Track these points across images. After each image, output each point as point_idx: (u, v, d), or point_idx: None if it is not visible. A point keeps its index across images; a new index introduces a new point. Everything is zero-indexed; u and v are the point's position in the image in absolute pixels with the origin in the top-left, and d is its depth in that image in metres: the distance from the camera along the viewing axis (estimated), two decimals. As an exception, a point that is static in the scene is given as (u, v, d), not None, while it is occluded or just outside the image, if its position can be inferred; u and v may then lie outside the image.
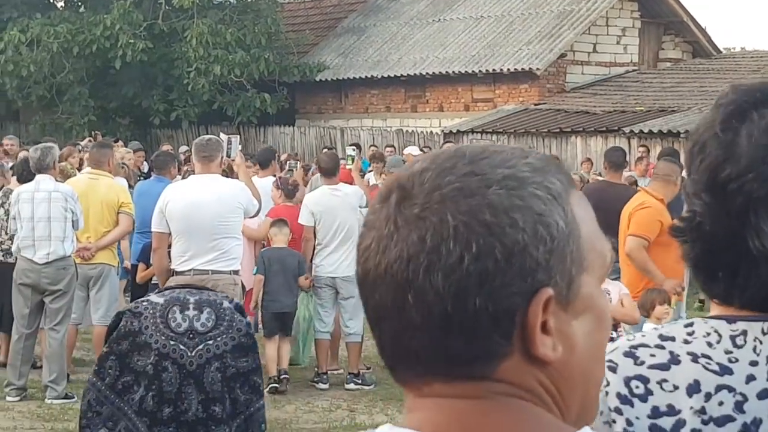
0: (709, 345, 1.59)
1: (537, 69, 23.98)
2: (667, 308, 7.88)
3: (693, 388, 1.56)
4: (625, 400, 1.59)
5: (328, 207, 10.02)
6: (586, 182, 15.09)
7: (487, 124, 23.20)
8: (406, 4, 28.85)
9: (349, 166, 10.96)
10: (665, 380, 1.57)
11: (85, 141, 17.15)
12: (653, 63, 26.08)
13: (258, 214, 8.93)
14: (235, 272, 8.20)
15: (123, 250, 10.82)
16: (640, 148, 19.26)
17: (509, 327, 1.09)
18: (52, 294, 9.16)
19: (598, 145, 21.07)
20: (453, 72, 25.23)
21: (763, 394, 1.55)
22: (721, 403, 1.55)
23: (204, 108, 26.98)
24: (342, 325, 10.16)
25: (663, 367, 1.58)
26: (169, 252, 8.35)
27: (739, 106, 1.62)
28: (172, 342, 1.46)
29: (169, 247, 8.35)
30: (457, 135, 23.14)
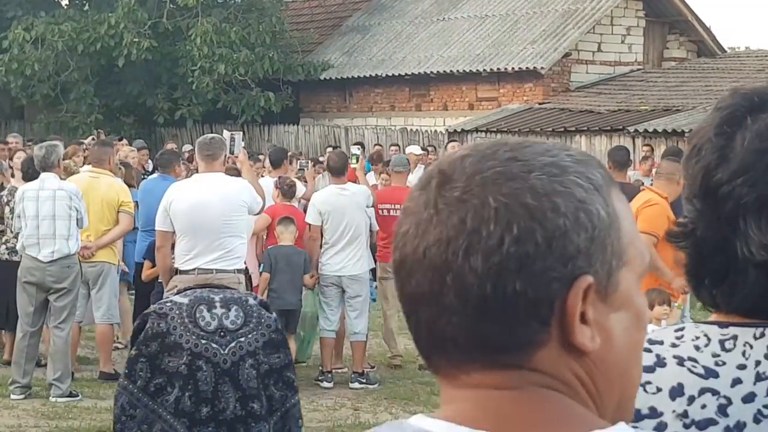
0: (696, 348, 1.57)
1: (541, 68, 23.97)
2: (666, 308, 7.86)
3: (676, 391, 1.54)
4: None
5: (335, 206, 10.02)
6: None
7: (491, 123, 23.18)
8: (410, 2, 28.84)
9: (354, 165, 10.96)
10: (649, 382, 1.55)
11: (89, 139, 17.16)
12: (658, 62, 26.06)
13: (262, 211, 8.92)
14: (239, 271, 8.19)
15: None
16: (644, 147, 19.24)
17: (548, 313, 1.09)
18: (56, 292, 9.17)
19: (602, 144, 21.06)
20: (457, 71, 25.22)
21: (748, 397, 1.53)
22: (704, 406, 1.53)
23: (208, 107, 26.99)
24: (347, 323, 10.16)
25: (648, 369, 1.55)
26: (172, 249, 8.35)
27: (735, 111, 1.61)
28: (203, 341, 1.46)
29: (173, 245, 8.35)
30: (461, 134, 23.13)
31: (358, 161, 11.27)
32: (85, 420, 8.67)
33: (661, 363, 1.58)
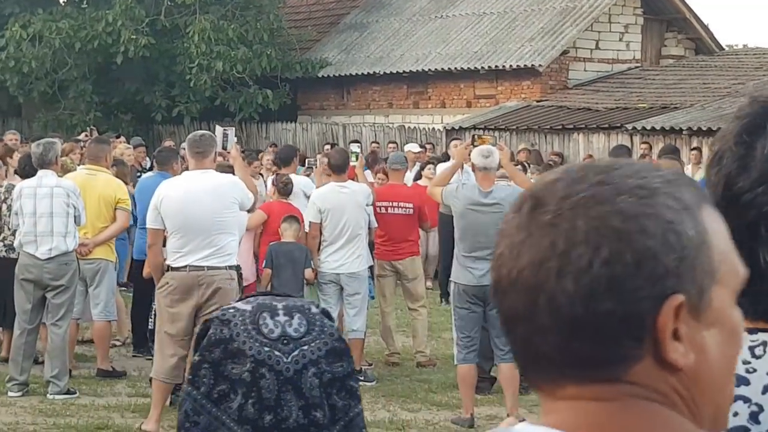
0: None
1: (539, 66, 23.96)
2: None
3: None
4: None
5: (335, 204, 10.01)
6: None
7: (489, 121, 23.18)
8: (408, 0, 28.83)
9: (353, 163, 10.96)
10: None
11: (81, 136, 17.17)
12: (656, 60, 26.06)
13: (254, 208, 8.87)
14: (232, 267, 8.17)
15: None
16: (642, 145, 19.26)
17: (640, 331, 1.12)
18: (54, 289, 9.17)
19: (600, 141, 21.07)
20: (455, 68, 25.21)
21: None
22: (736, 414, 1.54)
23: (206, 104, 26.97)
24: (346, 321, 10.16)
25: None
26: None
27: (755, 119, 1.62)
28: (266, 348, 1.46)
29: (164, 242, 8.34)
30: (459, 131, 23.13)
31: (357, 159, 11.27)
32: (82, 417, 8.66)
33: None
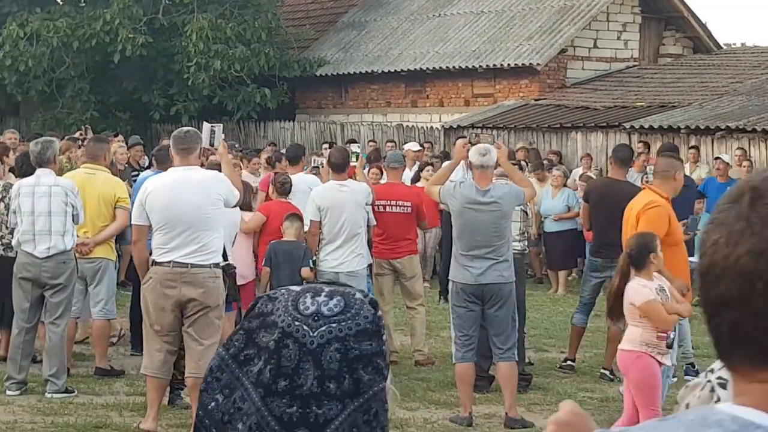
0: None
1: (537, 64, 23.96)
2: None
3: None
4: None
5: (334, 202, 10.01)
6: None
7: (487, 120, 23.18)
8: (406, -1, 28.82)
9: (353, 163, 10.96)
10: None
11: (77, 134, 17.17)
12: (654, 58, 26.06)
13: (240, 204, 8.79)
14: (216, 265, 8.13)
15: None
16: (638, 144, 19.25)
17: None
18: (52, 288, 9.16)
19: (598, 140, 21.07)
20: (453, 67, 25.20)
21: None
22: None
23: (204, 103, 26.96)
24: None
25: None
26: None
27: None
28: (297, 323, 1.53)
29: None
30: (457, 130, 23.13)
31: (357, 159, 11.28)
32: (80, 416, 8.66)
33: None
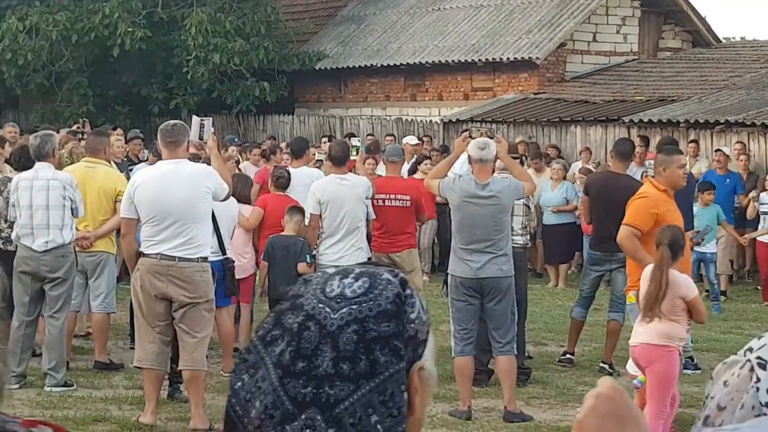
0: None
1: (537, 58, 23.95)
2: None
3: None
4: None
5: (335, 196, 10.00)
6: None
7: (486, 113, 23.18)
8: (405, -8, 28.80)
9: (354, 157, 10.96)
10: None
11: (73, 128, 17.15)
12: (653, 52, 26.04)
13: (229, 197, 8.79)
14: (204, 259, 8.11)
15: None
16: (637, 138, 19.23)
17: None
18: (51, 282, 9.17)
19: (597, 134, 21.06)
20: (452, 61, 25.19)
21: None
22: None
23: (203, 96, 26.95)
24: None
25: None
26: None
27: None
28: (321, 305, 1.54)
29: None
30: (456, 124, 23.13)
31: (358, 153, 11.28)
32: (80, 410, 8.67)
33: None
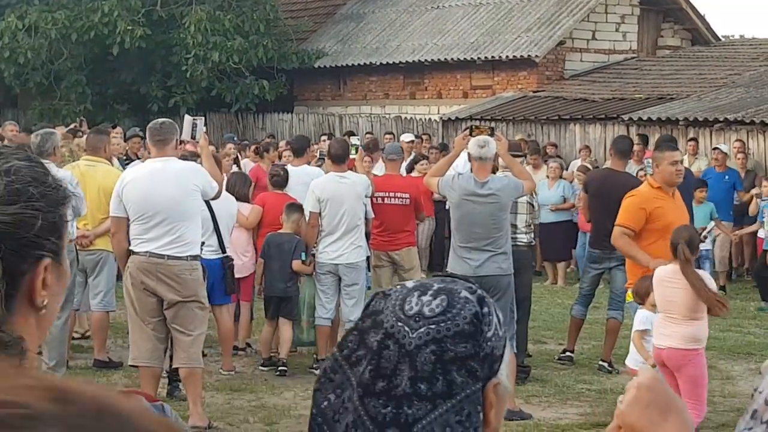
0: None
1: (536, 56, 23.96)
2: None
3: None
4: None
5: (334, 194, 10.00)
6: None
7: (485, 112, 23.18)
8: (404, -10, 28.80)
9: (353, 155, 10.96)
10: None
11: (71, 126, 17.15)
12: (652, 50, 26.06)
13: (219, 195, 8.79)
14: (193, 257, 8.09)
15: None
16: (635, 136, 19.24)
17: None
18: (51, 280, 9.16)
19: (596, 132, 21.07)
20: (451, 59, 25.20)
21: None
22: None
23: (202, 95, 26.96)
24: (343, 311, 10.17)
25: None
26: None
27: None
28: (399, 323, 1.57)
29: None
30: (455, 122, 23.14)
31: (357, 151, 11.29)
32: (80, 408, 8.67)
33: None
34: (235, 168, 13.05)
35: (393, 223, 10.93)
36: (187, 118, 9.11)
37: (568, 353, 10.95)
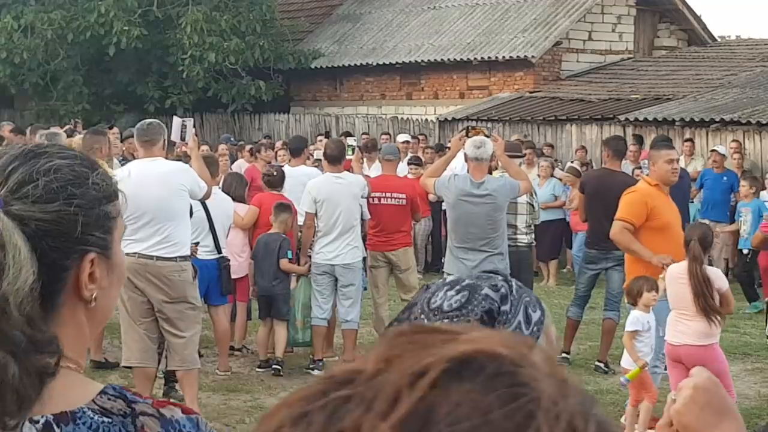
0: None
1: (532, 57, 23.97)
2: (654, 294, 7.95)
3: None
4: None
5: (330, 194, 9.99)
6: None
7: (482, 112, 23.19)
8: (401, -9, 28.80)
9: (349, 156, 10.96)
10: None
11: (66, 127, 17.14)
12: (648, 51, 26.08)
13: (208, 196, 8.75)
14: (183, 258, 8.05)
15: None
16: (631, 136, 19.25)
17: None
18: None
19: (592, 132, 21.08)
20: (448, 59, 25.20)
21: None
22: None
23: (199, 95, 26.96)
24: (339, 312, 10.17)
25: None
26: None
27: None
28: (422, 315, 1.58)
29: None
30: (452, 123, 23.14)
31: (353, 152, 11.28)
32: (76, 408, 8.66)
33: None
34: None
35: (389, 224, 10.93)
36: (176, 120, 9.09)
37: (564, 354, 10.96)
